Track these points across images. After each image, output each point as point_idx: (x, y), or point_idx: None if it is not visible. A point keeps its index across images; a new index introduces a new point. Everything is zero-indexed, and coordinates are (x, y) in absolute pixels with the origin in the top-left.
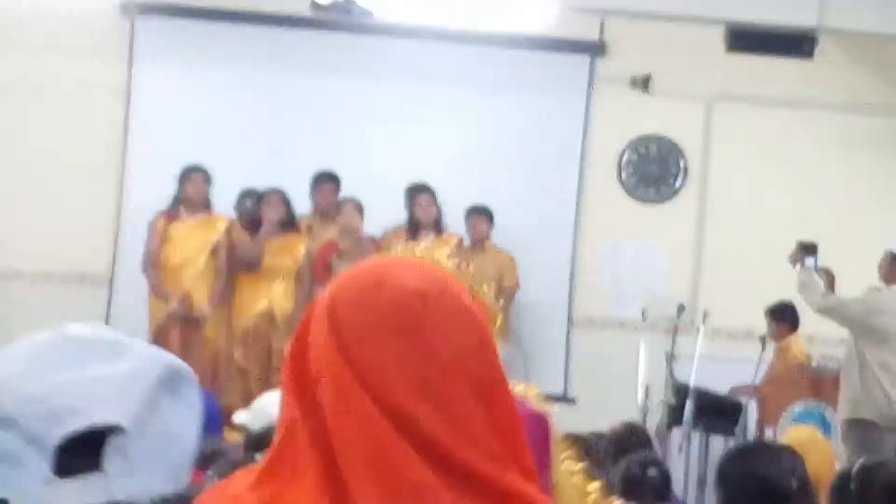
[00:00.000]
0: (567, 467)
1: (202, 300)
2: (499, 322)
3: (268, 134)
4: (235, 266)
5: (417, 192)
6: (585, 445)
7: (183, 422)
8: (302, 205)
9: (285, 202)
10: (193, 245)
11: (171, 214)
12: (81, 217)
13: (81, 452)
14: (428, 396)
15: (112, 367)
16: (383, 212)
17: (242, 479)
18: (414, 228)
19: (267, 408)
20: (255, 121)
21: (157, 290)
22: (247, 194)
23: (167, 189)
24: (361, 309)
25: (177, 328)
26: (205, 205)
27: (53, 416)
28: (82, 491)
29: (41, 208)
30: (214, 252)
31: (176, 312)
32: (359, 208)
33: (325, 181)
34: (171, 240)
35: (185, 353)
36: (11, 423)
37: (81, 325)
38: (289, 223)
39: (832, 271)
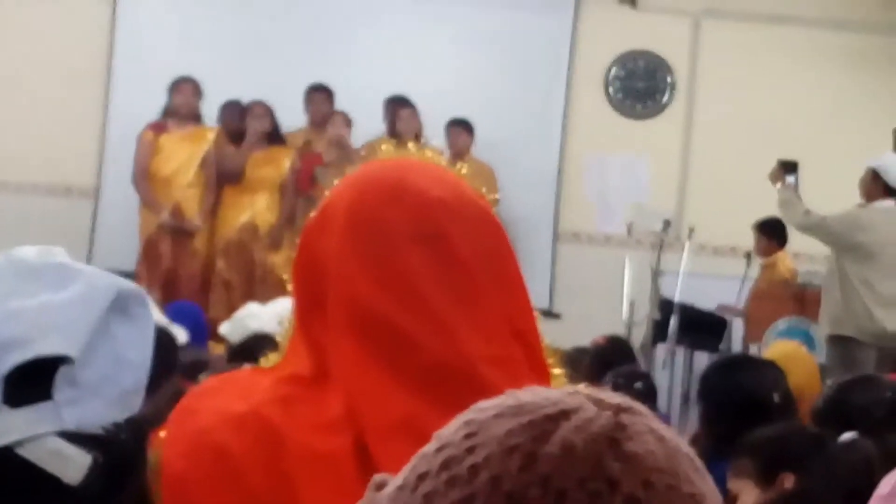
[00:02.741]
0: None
1: (193, 211)
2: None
3: (256, 44)
4: (219, 178)
5: (399, 105)
6: (569, 360)
7: (135, 346)
8: (288, 116)
9: (270, 114)
10: (183, 156)
11: (160, 126)
12: (67, 128)
13: (31, 381)
14: (451, 298)
15: (60, 295)
16: (367, 124)
17: (249, 371)
18: (397, 142)
19: (246, 320)
20: (243, 30)
21: (148, 202)
22: (229, 105)
23: (154, 100)
24: (381, 216)
25: (167, 240)
26: (194, 116)
27: (1, 346)
28: (33, 420)
29: (26, 118)
30: (204, 163)
31: (167, 224)
32: (347, 121)
33: (318, 92)
34: (160, 151)
35: (175, 265)
36: None
37: (29, 249)
38: (274, 135)
39: None
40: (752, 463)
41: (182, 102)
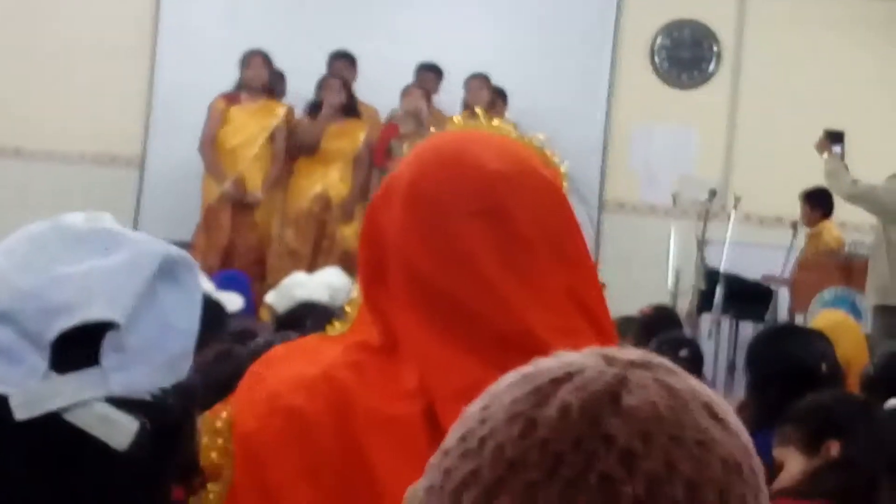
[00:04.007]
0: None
1: (255, 184)
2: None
3: (299, 17)
4: (294, 149)
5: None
6: (616, 329)
7: (182, 312)
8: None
9: (346, 87)
10: (251, 129)
11: (233, 97)
12: (113, 98)
13: (79, 347)
14: (512, 272)
15: (107, 261)
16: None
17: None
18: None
19: (292, 289)
20: (286, 4)
21: (213, 171)
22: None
23: (199, 70)
24: (441, 190)
25: (228, 209)
26: (265, 89)
27: (48, 311)
28: (80, 386)
29: (73, 89)
30: (272, 137)
31: (229, 194)
32: (426, 94)
33: (340, 59)
34: (229, 122)
35: (234, 235)
36: (8, 318)
37: (76, 215)
38: (349, 108)
39: None
40: (797, 431)
41: (252, 75)
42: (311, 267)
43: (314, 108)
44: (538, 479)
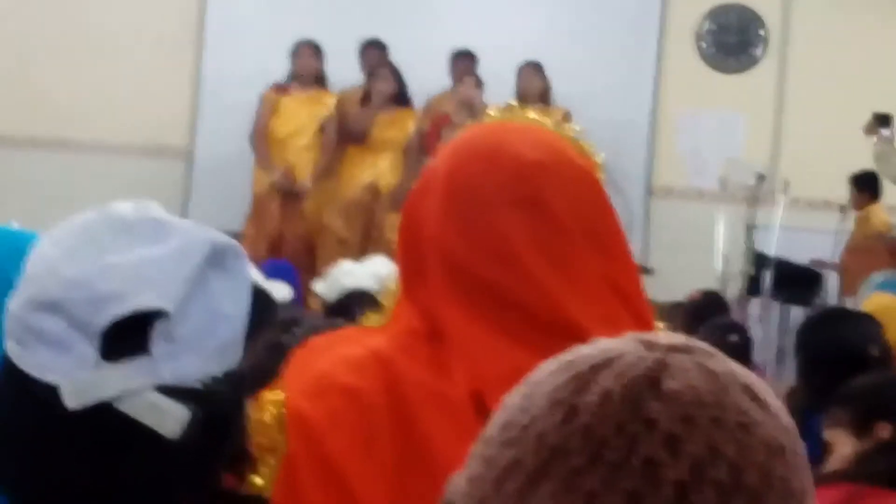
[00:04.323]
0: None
1: (305, 174)
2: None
3: (344, 6)
4: (344, 137)
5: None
6: (665, 315)
7: (231, 300)
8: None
9: (397, 75)
10: (301, 119)
11: (283, 88)
12: (161, 89)
13: (128, 336)
14: (550, 261)
15: (156, 249)
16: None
17: (352, 331)
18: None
19: (341, 277)
20: None
21: (262, 161)
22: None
23: (247, 60)
24: (479, 182)
25: (277, 200)
26: (316, 79)
27: (97, 301)
28: (129, 374)
29: (120, 80)
30: (322, 128)
31: (278, 184)
32: (478, 83)
33: (371, 48)
34: (279, 112)
35: (283, 225)
36: (58, 307)
37: (125, 204)
38: (400, 97)
39: None
40: (847, 412)
41: (302, 65)
42: (360, 256)
43: (364, 97)
44: (581, 465)
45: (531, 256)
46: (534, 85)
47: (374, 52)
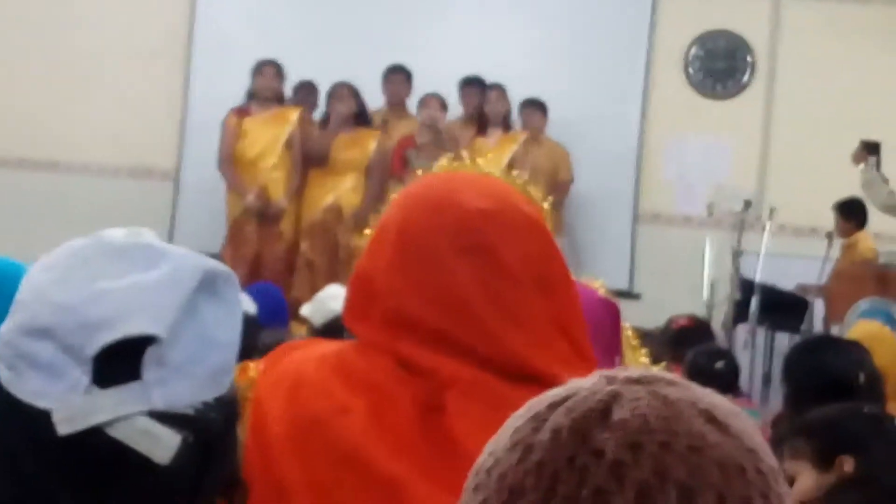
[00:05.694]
0: (633, 350)
1: (278, 194)
2: (550, 222)
3: (333, 26)
4: (305, 160)
5: (476, 87)
6: (650, 341)
7: (223, 326)
8: (372, 99)
9: (355, 95)
10: (267, 139)
11: (244, 110)
12: (148, 111)
13: (120, 361)
14: (499, 307)
15: (148, 275)
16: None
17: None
18: (482, 124)
19: (327, 301)
20: (321, 13)
21: (234, 186)
22: (302, 86)
23: (233, 82)
24: (427, 232)
25: (253, 222)
26: (277, 98)
27: (89, 326)
28: (122, 400)
29: (107, 102)
30: (289, 144)
31: (252, 207)
32: (442, 104)
33: (396, 74)
34: (245, 135)
35: (261, 247)
36: (49, 333)
37: (117, 230)
38: (360, 117)
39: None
40: (808, 445)
41: (265, 85)
42: (330, 278)
43: (325, 119)
44: (537, 502)
45: (478, 302)
46: (497, 109)
47: (398, 79)
